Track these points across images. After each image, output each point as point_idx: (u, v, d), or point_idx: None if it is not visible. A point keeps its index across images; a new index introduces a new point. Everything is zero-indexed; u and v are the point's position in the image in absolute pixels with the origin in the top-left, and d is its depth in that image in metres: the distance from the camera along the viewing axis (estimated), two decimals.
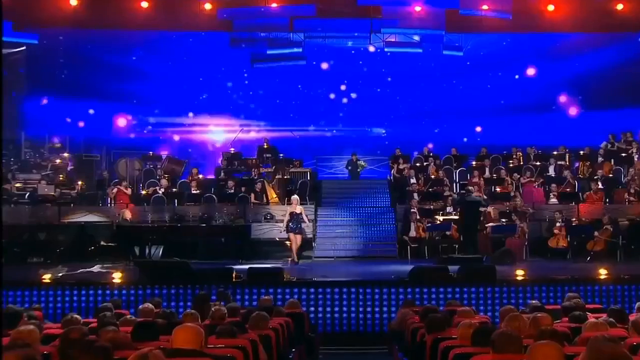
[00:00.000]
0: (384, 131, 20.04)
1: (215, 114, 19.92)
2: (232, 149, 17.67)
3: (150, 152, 17.67)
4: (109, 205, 14.98)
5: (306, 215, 12.72)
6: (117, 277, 9.40)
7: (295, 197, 12.63)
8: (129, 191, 14.95)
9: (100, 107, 18.47)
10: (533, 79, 19.76)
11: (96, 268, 11.26)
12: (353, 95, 20.15)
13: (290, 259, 12.67)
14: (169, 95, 19.71)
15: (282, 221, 14.02)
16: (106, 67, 17.88)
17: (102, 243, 12.87)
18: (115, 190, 14.81)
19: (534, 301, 6.87)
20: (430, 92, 20.30)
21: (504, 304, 6.56)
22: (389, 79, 20.16)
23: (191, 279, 9.34)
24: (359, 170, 17.36)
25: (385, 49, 18.37)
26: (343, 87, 19.93)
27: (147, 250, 12.52)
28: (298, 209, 12.45)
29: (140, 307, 6.41)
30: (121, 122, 19.02)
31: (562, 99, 19.68)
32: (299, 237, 12.46)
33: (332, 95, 20.21)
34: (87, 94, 17.67)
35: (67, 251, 12.71)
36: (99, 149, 18.04)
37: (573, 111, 19.74)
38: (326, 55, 19.40)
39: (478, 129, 20.04)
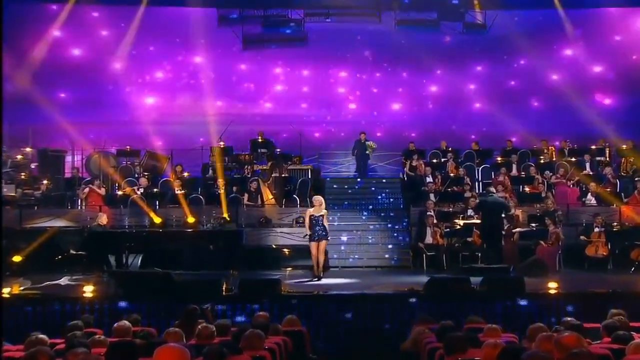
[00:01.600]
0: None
1: (201, 103, 19.88)
2: (222, 143, 17.64)
3: (128, 147, 17.65)
4: (79, 207, 14.95)
5: (327, 220, 12.01)
6: (88, 290, 9.37)
7: (319, 197, 12.03)
8: (102, 191, 14.93)
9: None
10: (566, 61, 19.71)
11: (64, 280, 11.24)
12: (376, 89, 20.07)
13: (287, 271, 12.64)
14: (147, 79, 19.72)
15: (279, 226, 14.05)
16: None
17: (71, 251, 12.83)
18: (86, 190, 14.77)
19: (569, 318, 6.82)
20: (447, 77, 20.28)
21: (534, 322, 6.51)
22: (403, 74, 20.16)
23: (174, 293, 9.31)
24: (368, 152, 17.15)
25: (398, 28, 18.32)
26: (361, 77, 19.86)
27: (123, 260, 12.49)
28: (322, 211, 11.77)
29: (115, 325, 6.37)
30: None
31: (601, 84, 19.59)
32: (323, 244, 11.69)
33: (341, 90, 20.18)
34: None
35: (30, 261, 12.66)
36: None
37: (613, 99, 19.68)
38: (330, 35, 19.35)
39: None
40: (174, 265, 11.86)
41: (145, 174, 16.10)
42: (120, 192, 15.30)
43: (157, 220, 13.83)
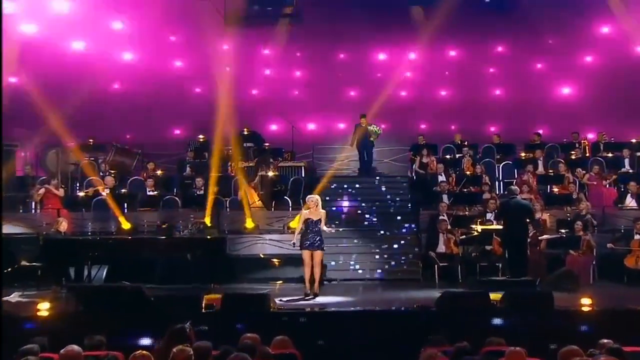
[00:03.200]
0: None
1: (177, 90, 19.85)
2: (201, 137, 17.63)
3: (91, 140, 17.61)
4: (33, 211, 14.91)
5: (327, 223, 11.69)
6: (44, 308, 9.31)
7: (314, 197, 11.74)
8: (60, 192, 14.89)
9: None
10: (602, 39, 19.69)
11: (15, 296, 11.18)
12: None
13: (276, 284, 12.58)
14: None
15: (268, 232, 14.02)
16: None
17: (23, 263, 12.77)
18: (42, 190, 14.75)
19: (605, 340, 6.81)
20: (463, 59, 20.27)
21: (565, 345, 6.49)
22: (412, 55, 20.11)
23: (146, 310, 9.28)
24: (371, 139, 17.05)
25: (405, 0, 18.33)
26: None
27: (85, 272, 12.45)
28: (319, 213, 11.47)
29: (62, 351, 6.31)
30: None
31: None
32: (318, 255, 11.39)
33: (340, 74, 20.11)
34: None
35: None
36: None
37: None
38: (327, 11, 19.32)
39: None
40: (145, 278, 11.81)
41: (112, 172, 16.07)
42: (82, 194, 15.25)
43: (127, 225, 13.80)
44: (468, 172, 16.17)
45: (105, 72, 19.39)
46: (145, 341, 8.24)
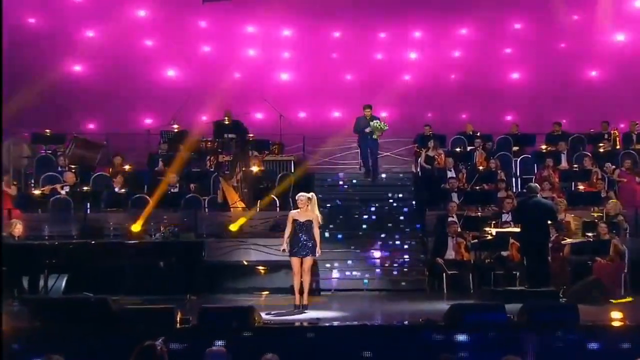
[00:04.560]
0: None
1: (148, 73, 19.82)
2: (176, 126, 17.59)
3: (47, 131, 17.54)
4: None
5: (319, 228, 11.42)
6: None
7: (305, 195, 11.41)
8: (13, 190, 14.84)
9: None
10: (635, 16, 19.72)
11: None
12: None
13: (262, 295, 12.59)
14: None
15: (252, 236, 13.99)
16: None
17: None
18: None
19: None
20: (476, 38, 20.26)
21: None
22: (417, 33, 20.12)
23: (112, 325, 9.25)
24: (375, 136, 16.86)
25: None
26: None
27: (41, 282, 12.40)
28: (310, 214, 11.26)
29: None
30: None
31: None
32: (307, 262, 11.23)
33: (334, 55, 20.13)
34: None
35: None
36: None
37: None
38: None
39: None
40: (111, 289, 11.79)
41: (72, 166, 16.03)
42: (38, 192, 15.20)
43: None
44: (481, 167, 16.19)
45: (64, 51, 19.34)
46: None
